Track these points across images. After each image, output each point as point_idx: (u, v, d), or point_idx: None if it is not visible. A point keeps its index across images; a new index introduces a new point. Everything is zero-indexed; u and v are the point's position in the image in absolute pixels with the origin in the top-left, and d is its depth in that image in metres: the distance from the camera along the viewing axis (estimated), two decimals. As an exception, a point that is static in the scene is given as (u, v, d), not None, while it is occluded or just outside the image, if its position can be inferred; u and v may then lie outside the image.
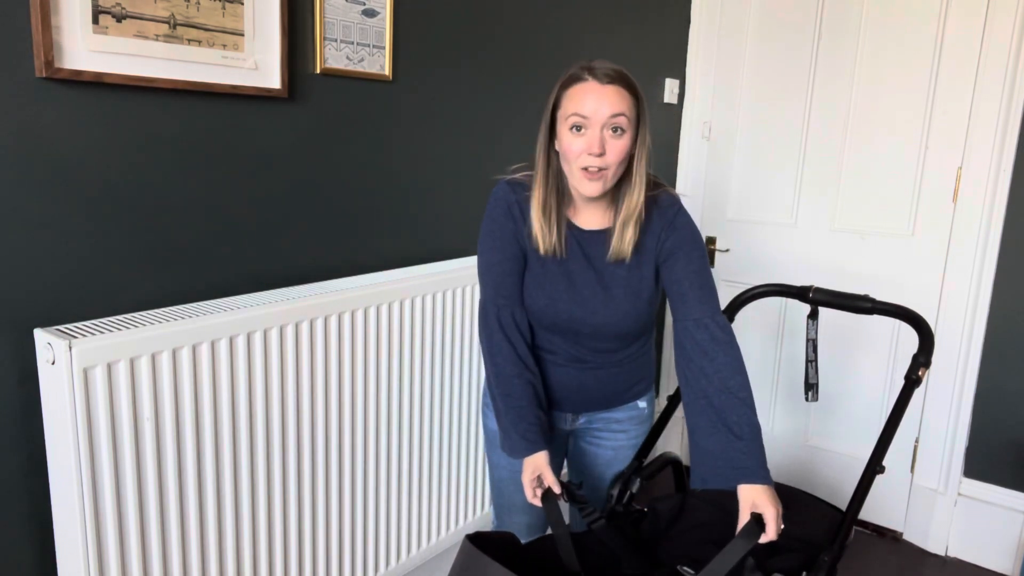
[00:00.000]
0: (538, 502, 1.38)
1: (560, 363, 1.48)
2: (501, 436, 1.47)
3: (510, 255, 1.41)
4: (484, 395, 1.61)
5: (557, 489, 1.36)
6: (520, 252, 1.41)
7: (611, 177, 1.30)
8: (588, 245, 1.40)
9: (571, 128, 1.28)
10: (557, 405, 1.54)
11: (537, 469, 1.38)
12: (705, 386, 1.32)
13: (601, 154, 1.27)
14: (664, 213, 1.39)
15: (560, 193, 1.37)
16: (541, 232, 1.36)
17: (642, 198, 1.33)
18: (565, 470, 1.76)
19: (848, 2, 2.50)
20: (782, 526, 1.22)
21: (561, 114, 1.31)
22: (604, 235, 1.39)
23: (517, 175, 1.42)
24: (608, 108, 1.25)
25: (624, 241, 1.35)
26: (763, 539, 1.18)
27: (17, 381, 1.26)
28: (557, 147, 1.34)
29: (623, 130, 1.27)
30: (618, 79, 1.28)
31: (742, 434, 1.28)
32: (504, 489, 1.61)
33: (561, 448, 1.64)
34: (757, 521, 1.20)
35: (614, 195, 1.37)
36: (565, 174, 1.35)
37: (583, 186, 1.30)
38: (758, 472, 1.25)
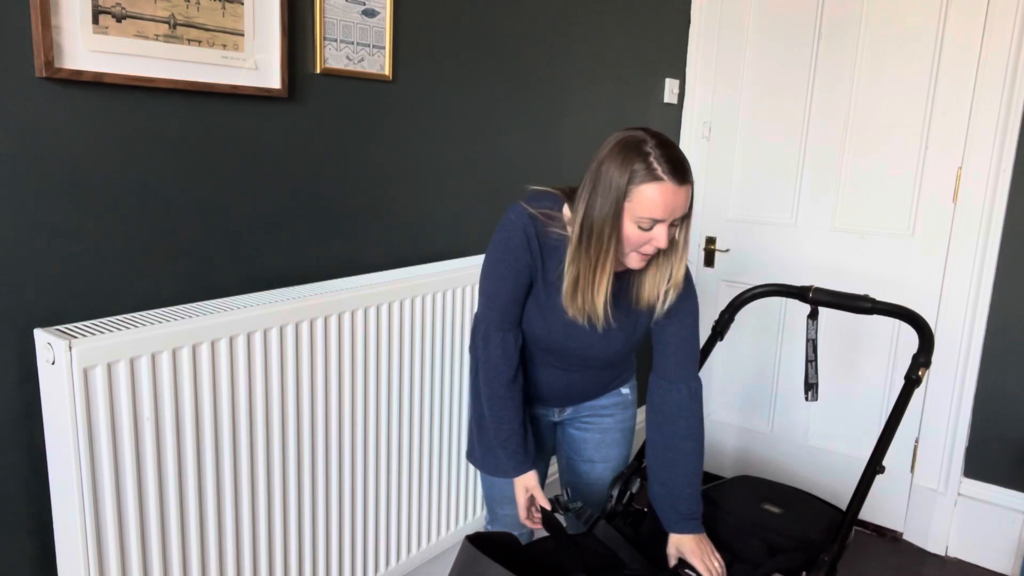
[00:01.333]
0: (535, 524, 1.46)
1: (548, 366, 1.52)
2: (482, 452, 1.55)
3: (521, 285, 1.41)
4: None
5: (548, 506, 1.43)
6: (530, 282, 1.42)
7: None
8: None
9: (640, 226, 1.26)
10: (543, 402, 1.58)
11: (529, 489, 1.46)
12: (662, 442, 1.45)
13: (667, 248, 1.30)
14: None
15: (610, 271, 1.32)
16: (589, 309, 1.35)
17: (684, 270, 1.37)
18: (553, 470, 1.76)
19: (848, 2, 2.50)
20: (717, 564, 1.38)
21: (630, 207, 1.25)
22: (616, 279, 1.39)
23: (539, 207, 1.38)
24: (681, 210, 1.26)
25: (662, 302, 1.39)
26: None
27: (17, 381, 1.26)
28: (617, 235, 1.28)
29: (686, 217, 1.30)
30: (687, 175, 1.25)
31: (679, 492, 1.43)
32: (495, 480, 1.63)
33: (550, 436, 1.68)
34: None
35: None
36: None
37: (636, 264, 1.32)
38: (683, 524, 1.42)
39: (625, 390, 1.64)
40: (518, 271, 1.39)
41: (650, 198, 1.23)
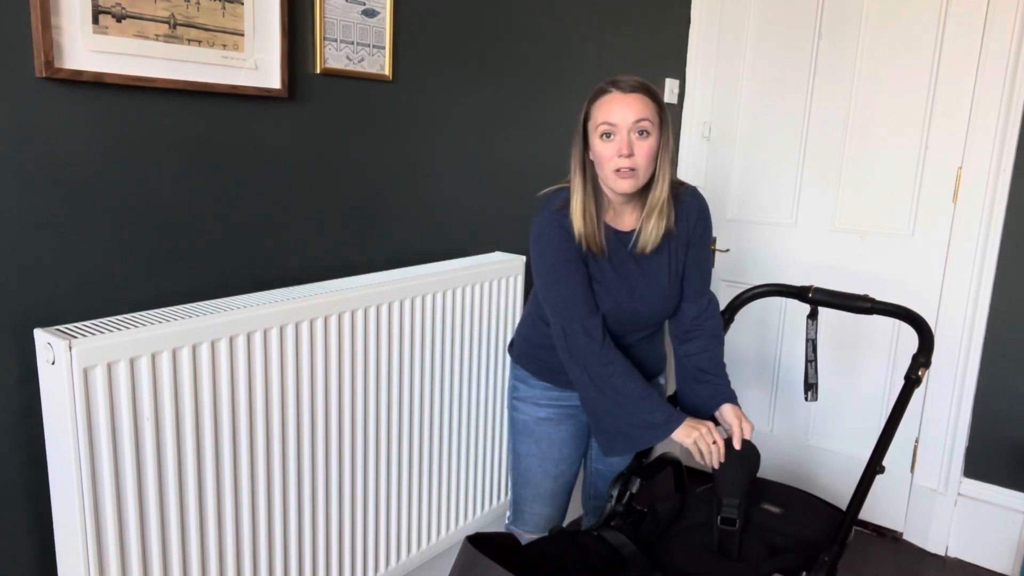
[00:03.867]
0: (718, 459, 1.45)
1: None
2: (614, 437, 1.50)
3: (582, 273, 1.47)
4: (514, 391, 1.69)
5: (723, 437, 1.46)
6: (584, 266, 1.48)
7: (642, 176, 1.42)
8: (627, 243, 1.51)
9: (601, 136, 1.40)
10: None
11: (701, 423, 1.45)
12: (691, 348, 1.59)
13: (630, 155, 1.38)
14: (697, 201, 1.55)
15: (597, 197, 1.47)
16: (585, 233, 1.45)
17: (665, 193, 1.46)
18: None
19: (848, 2, 2.50)
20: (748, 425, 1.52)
21: (591, 125, 1.42)
22: (636, 238, 1.51)
23: (556, 203, 1.48)
24: (633, 114, 1.38)
25: (648, 232, 1.47)
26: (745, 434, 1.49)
27: (17, 381, 1.26)
28: (592, 157, 1.45)
29: (648, 133, 1.40)
30: (640, 88, 1.40)
31: (718, 373, 1.59)
32: (531, 478, 1.68)
33: (585, 434, 1.72)
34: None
35: (644, 197, 1.48)
36: (600, 179, 1.46)
37: (617, 184, 1.41)
38: (724, 395, 1.57)
39: (661, 380, 1.73)
40: (574, 262, 1.46)
41: (600, 108, 1.41)
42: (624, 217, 1.52)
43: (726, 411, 1.54)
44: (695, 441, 1.43)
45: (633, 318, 1.54)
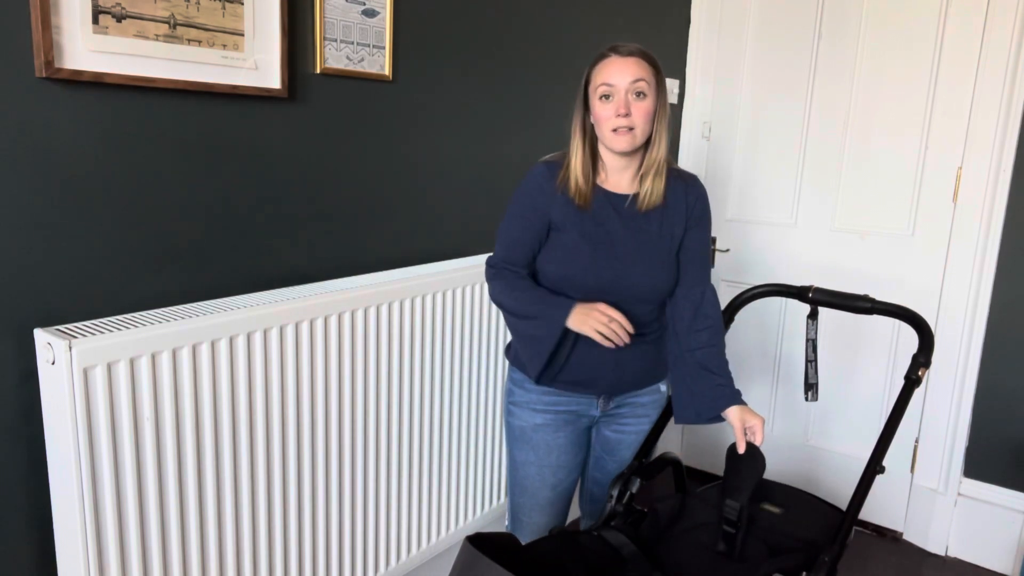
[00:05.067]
0: (622, 339, 1.44)
1: (596, 343, 1.53)
2: (529, 348, 1.54)
3: (531, 227, 1.53)
4: (510, 394, 1.65)
5: (629, 328, 1.45)
6: (543, 226, 1.53)
7: (639, 135, 1.46)
8: (619, 206, 1.53)
9: (600, 98, 1.46)
10: (592, 385, 1.59)
11: (592, 307, 1.46)
12: (692, 341, 1.56)
13: (627, 114, 1.44)
14: (695, 183, 1.58)
15: (594, 159, 1.53)
16: (577, 185, 1.50)
17: (662, 154, 1.50)
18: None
19: (848, 2, 2.50)
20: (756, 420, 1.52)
21: (591, 88, 1.48)
22: (633, 198, 1.53)
23: (551, 157, 1.56)
24: (630, 75, 1.44)
25: (645, 189, 1.51)
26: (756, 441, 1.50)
27: (17, 381, 1.26)
28: (592, 119, 1.50)
29: (645, 94, 1.45)
30: (637, 52, 1.47)
31: (721, 372, 1.56)
32: (529, 486, 1.65)
33: (585, 441, 1.70)
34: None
35: (641, 161, 1.52)
36: (599, 140, 1.51)
37: (614, 143, 1.46)
38: (732, 397, 1.55)
39: (663, 387, 1.71)
40: (527, 213, 1.52)
41: (600, 71, 1.47)
42: (620, 179, 1.54)
43: (731, 415, 1.54)
44: (594, 330, 1.44)
45: (616, 279, 1.51)
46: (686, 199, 1.55)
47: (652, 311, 1.57)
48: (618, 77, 1.44)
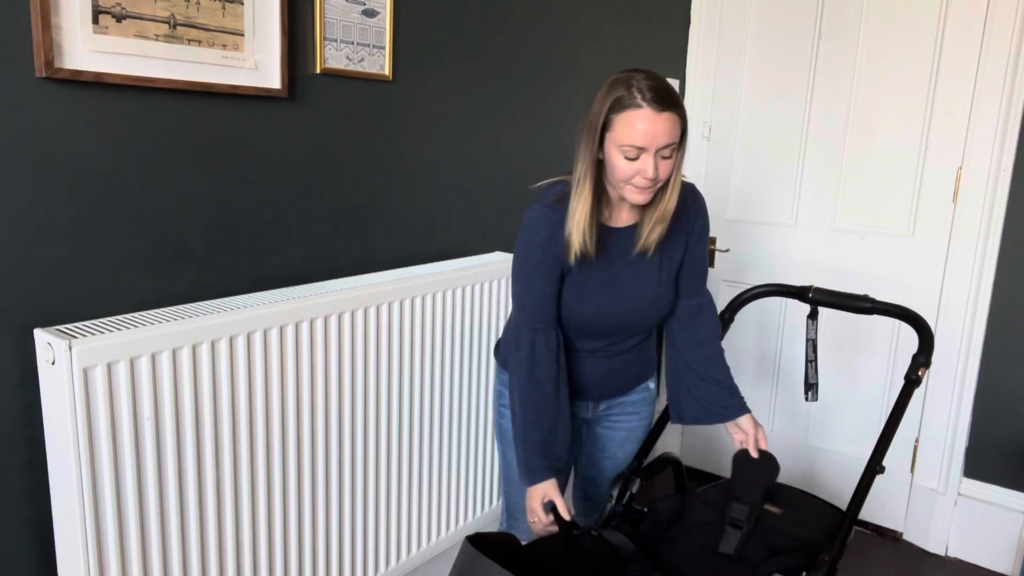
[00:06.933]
0: (552, 527, 1.44)
1: (588, 356, 1.54)
2: (520, 456, 1.51)
3: (553, 279, 1.42)
4: (500, 396, 1.64)
5: (567, 516, 1.42)
6: (561, 275, 1.43)
7: (658, 187, 1.35)
8: (619, 242, 1.45)
9: (624, 157, 1.29)
10: (583, 394, 1.59)
11: (548, 495, 1.44)
12: (692, 350, 1.56)
13: (655, 179, 1.30)
14: (695, 199, 1.50)
15: (600, 203, 1.40)
16: (579, 238, 1.36)
17: (674, 203, 1.39)
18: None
19: (848, 2, 2.50)
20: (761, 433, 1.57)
21: (612, 137, 1.29)
22: (632, 230, 1.45)
23: (552, 197, 1.41)
24: (664, 138, 1.27)
25: (651, 238, 1.42)
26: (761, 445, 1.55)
27: (17, 381, 1.26)
28: (606, 165, 1.34)
29: (673, 151, 1.31)
30: (669, 103, 1.26)
31: (724, 383, 1.56)
32: (522, 489, 1.62)
33: (577, 437, 1.70)
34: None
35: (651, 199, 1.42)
36: (607, 183, 1.39)
37: (633, 197, 1.34)
38: (742, 407, 1.57)
39: (652, 384, 1.69)
40: (547, 264, 1.40)
41: (629, 125, 1.26)
42: (622, 213, 1.45)
43: (744, 423, 1.56)
44: (528, 515, 1.47)
45: (619, 323, 1.49)
46: (687, 221, 1.49)
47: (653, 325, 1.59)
48: (650, 140, 1.25)
